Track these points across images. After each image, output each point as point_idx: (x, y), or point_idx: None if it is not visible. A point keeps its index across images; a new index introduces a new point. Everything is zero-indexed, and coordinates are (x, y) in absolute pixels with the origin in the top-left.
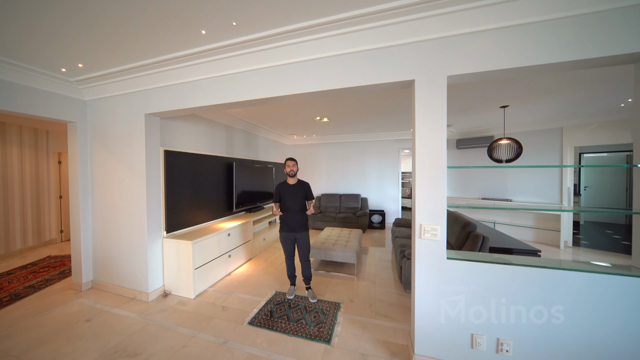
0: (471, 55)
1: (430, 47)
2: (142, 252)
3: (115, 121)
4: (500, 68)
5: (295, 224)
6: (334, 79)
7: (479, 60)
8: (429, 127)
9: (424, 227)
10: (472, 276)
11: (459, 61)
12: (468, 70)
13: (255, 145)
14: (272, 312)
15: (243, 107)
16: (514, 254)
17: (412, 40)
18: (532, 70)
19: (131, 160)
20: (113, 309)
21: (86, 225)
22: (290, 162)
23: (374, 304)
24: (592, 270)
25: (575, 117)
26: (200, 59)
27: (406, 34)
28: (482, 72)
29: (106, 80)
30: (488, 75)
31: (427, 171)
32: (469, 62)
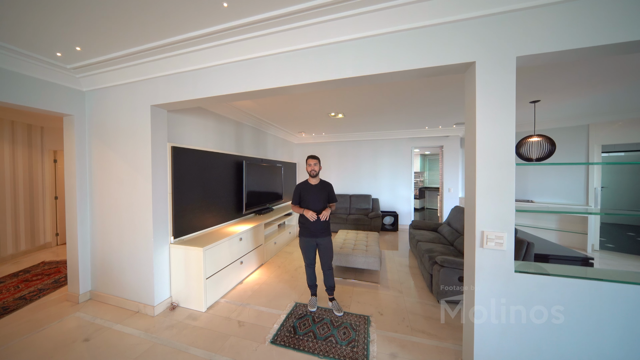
0: (544, 32)
1: (495, 23)
2: (147, 259)
3: (117, 114)
4: (578, 47)
5: (318, 228)
6: (375, 63)
7: (554, 38)
8: (494, 118)
9: (487, 234)
10: (546, 293)
11: (530, 39)
12: (541, 50)
13: (264, 143)
14: (295, 327)
15: (264, 96)
16: (562, 263)
17: (474, 14)
18: (616, 48)
19: (135, 157)
20: (115, 325)
21: (84, 229)
22: (312, 160)
23: (407, 317)
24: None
25: (603, 114)
26: (217, 41)
27: (466, 7)
28: (557, 52)
29: (107, 67)
30: (562, 56)
31: (491, 170)
32: (542, 41)
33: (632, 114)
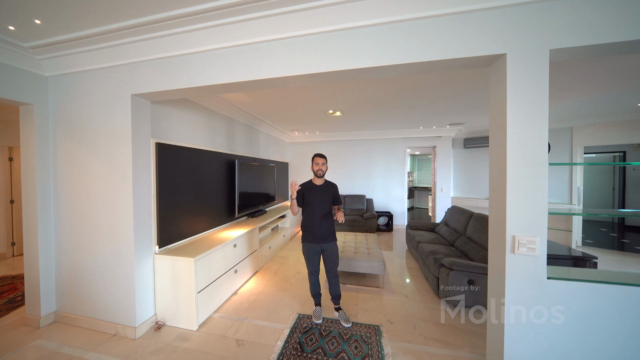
0: (578, 24)
1: (528, 13)
2: (127, 273)
3: (90, 104)
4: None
5: (323, 233)
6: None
7: (589, 30)
8: (526, 114)
9: (518, 239)
10: (578, 300)
11: (563, 31)
12: (575, 43)
13: (256, 142)
14: (301, 344)
15: (270, 87)
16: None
17: (506, 3)
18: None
19: (112, 155)
20: (87, 354)
21: (47, 238)
22: (320, 159)
23: (418, 325)
24: None
25: (585, 117)
26: (215, 21)
27: None
28: (590, 46)
29: (77, 48)
30: (596, 50)
31: (523, 170)
32: (577, 33)
33: (609, 117)
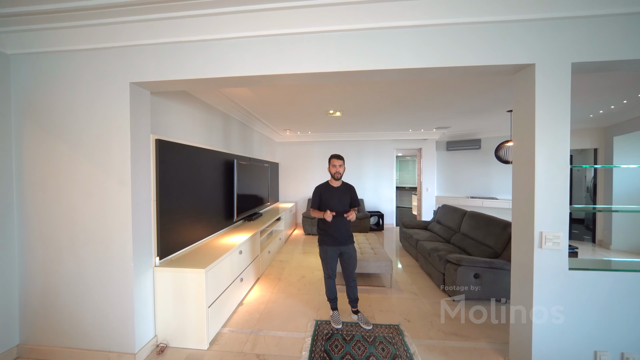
0: (599, 41)
1: (555, 27)
2: (124, 291)
3: (74, 92)
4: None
5: (342, 236)
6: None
7: (608, 47)
8: (552, 120)
9: (545, 235)
10: (596, 287)
11: (585, 47)
12: (594, 58)
13: (250, 141)
14: (328, 352)
15: (297, 82)
16: None
17: (537, 16)
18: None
19: (106, 154)
20: None
21: (7, 254)
22: (337, 160)
23: (434, 321)
24: None
25: None
26: (235, 6)
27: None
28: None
29: (58, 22)
30: (612, 65)
31: (550, 171)
32: (596, 49)
33: (574, 125)
